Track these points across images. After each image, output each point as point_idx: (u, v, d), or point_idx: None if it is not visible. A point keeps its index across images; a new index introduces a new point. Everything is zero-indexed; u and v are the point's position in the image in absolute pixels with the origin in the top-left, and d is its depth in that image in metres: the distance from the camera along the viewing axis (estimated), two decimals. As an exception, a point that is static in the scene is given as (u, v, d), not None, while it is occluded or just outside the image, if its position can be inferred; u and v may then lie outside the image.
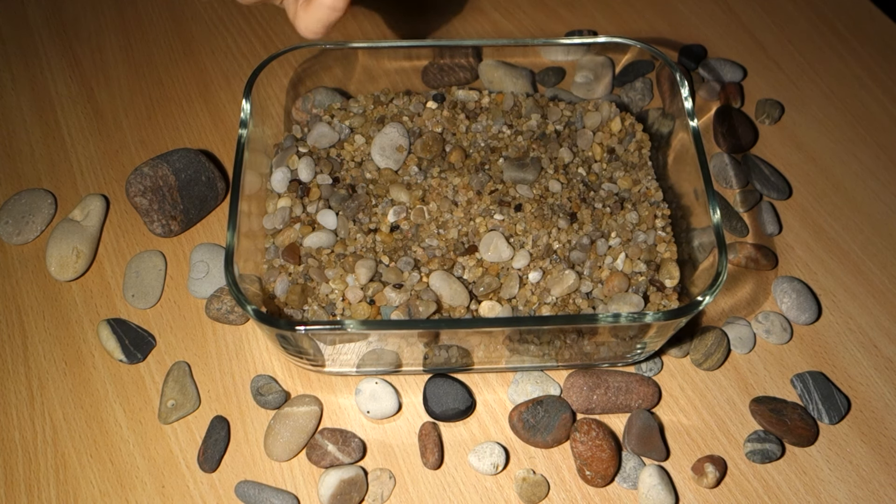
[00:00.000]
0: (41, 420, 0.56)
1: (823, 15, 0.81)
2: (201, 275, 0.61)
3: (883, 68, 0.77)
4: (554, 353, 0.55)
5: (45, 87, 0.74)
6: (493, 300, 0.54)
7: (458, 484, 0.54)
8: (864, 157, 0.71)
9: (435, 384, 0.56)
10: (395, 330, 0.50)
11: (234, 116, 0.72)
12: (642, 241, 0.56)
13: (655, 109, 0.65)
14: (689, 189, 0.57)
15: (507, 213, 0.56)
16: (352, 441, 0.54)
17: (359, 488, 0.53)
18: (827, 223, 0.67)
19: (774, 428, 0.55)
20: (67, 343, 0.60)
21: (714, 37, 0.79)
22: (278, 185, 0.59)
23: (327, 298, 0.54)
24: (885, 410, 0.58)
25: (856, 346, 0.60)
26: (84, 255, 0.62)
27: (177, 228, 0.64)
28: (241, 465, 0.54)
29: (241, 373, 0.58)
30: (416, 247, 0.56)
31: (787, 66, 0.77)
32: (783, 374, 0.59)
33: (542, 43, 0.64)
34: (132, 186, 0.62)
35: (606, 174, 0.61)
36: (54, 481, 0.54)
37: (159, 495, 0.53)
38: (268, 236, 0.58)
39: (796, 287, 0.61)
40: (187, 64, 0.76)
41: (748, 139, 0.70)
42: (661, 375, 0.58)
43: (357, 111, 0.63)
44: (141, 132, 0.71)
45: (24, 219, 0.64)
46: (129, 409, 0.57)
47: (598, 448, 0.52)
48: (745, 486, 0.54)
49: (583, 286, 0.54)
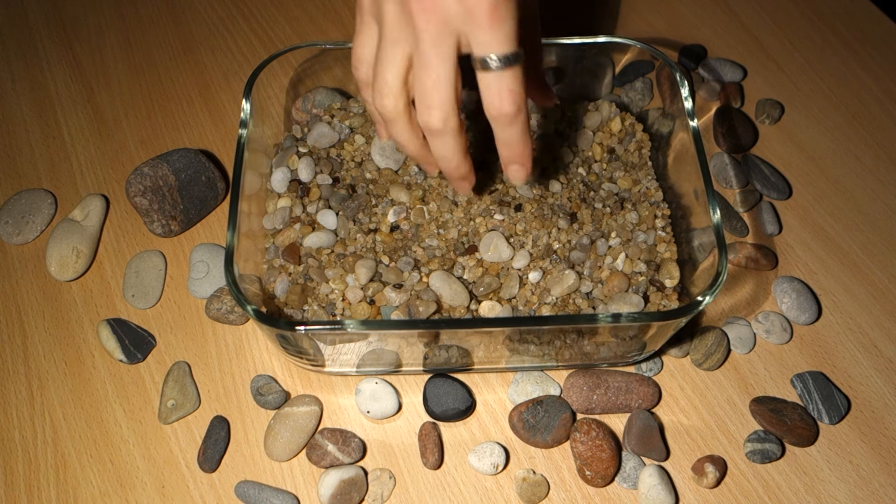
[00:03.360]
0: (41, 420, 0.56)
1: (823, 15, 0.81)
2: (201, 275, 0.61)
3: (883, 68, 0.77)
4: (554, 353, 0.55)
5: (45, 87, 0.74)
6: (493, 300, 0.54)
7: (458, 484, 0.54)
8: (864, 157, 0.71)
9: (435, 384, 0.56)
10: (395, 330, 0.50)
11: (234, 116, 0.72)
12: (642, 241, 0.56)
13: (655, 109, 0.65)
14: (689, 189, 0.57)
15: (507, 213, 0.56)
16: (352, 441, 0.54)
17: (359, 488, 0.53)
18: (827, 223, 0.67)
19: (774, 428, 0.55)
20: (67, 343, 0.60)
21: (714, 37, 0.79)
22: (278, 185, 0.59)
23: (327, 298, 0.54)
24: (885, 410, 0.58)
25: (856, 346, 0.60)
26: (84, 255, 0.62)
27: (177, 228, 0.64)
28: (241, 465, 0.54)
29: (241, 373, 0.58)
30: (416, 247, 0.56)
31: (787, 66, 0.77)
32: (783, 374, 0.59)
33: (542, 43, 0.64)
34: (132, 186, 0.62)
35: (606, 174, 0.61)
36: (54, 481, 0.54)
37: (159, 495, 0.53)
38: (268, 236, 0.58)
39: (796, 287, 0.61)
40: (187, 64, 0.76)
41: (748, 139, 0.70)
42: (661, 375, 0.58)
43: (357, 111, 0.63)
44: (141, 132, 0.71)
45: (24, 219, 0.64)
46: (129, 409, 0.57)
47: (598, 448, 0.52)
48: (745, 486, 0.54)
49: (583, 286, 0.54)
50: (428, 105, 0.44)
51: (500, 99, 0.44)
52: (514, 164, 0.48)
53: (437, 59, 0.44)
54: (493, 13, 0.42)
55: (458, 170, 0.49)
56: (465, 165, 0.49)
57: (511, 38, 0.44)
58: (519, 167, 0.49)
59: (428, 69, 0.44)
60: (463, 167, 0.49)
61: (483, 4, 0.42)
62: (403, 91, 0.46)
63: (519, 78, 0.44)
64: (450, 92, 0.44)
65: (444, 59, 0.44)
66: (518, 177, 0.49)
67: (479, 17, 0.42)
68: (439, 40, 0.43)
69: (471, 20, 0.43)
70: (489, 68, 0.43)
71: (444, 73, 0.44)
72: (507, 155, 0.48)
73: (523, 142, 0.47)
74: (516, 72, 0.44)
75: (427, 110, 0.45)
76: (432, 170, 0.53)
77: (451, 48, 0.44)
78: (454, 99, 0.45)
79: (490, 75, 0.44)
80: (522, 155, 0.48)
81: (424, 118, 0.45)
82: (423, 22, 0.43)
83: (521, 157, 0.48)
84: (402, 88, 0.46)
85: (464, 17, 0.43)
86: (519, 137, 0.47)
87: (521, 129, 0.46)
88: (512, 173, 0.49)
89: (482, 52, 0.43)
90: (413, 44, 0.44)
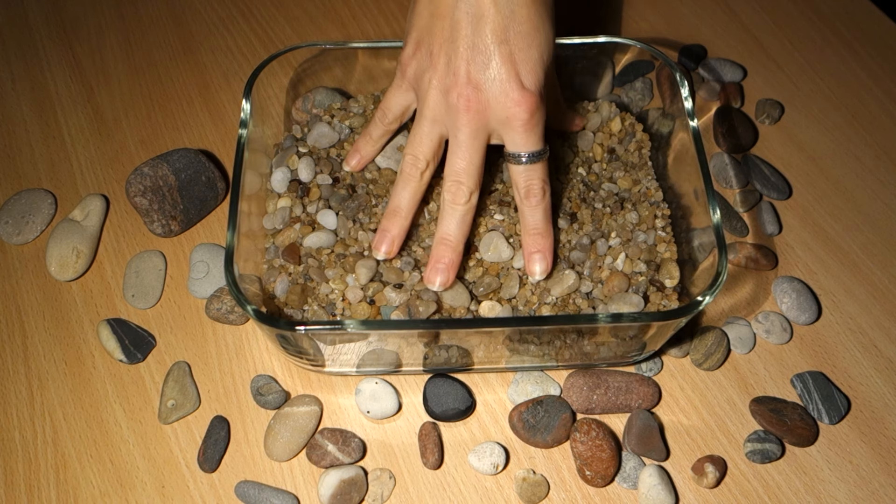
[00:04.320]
0: (41, 420, 0.56)
1: (823, 15, 0.81)
2: (201, 275, 0.61)
3: (883, 68, 0.77)
4: (554, 353, 0.55)
5: (45, 87, 0.74)
6: (493, 300, 0.54)
7: (458, 484, 0.54)
8: (864, 157, 0.71)
9: (435, 384, 0.56)
10: (395, 330, 0.50)
11: (234, 116, 0.72)
12: (642, 241, 0.56)
13: (655, 109, 0.65)
14: (689, 189, 0.57)
15: (507, 213, 0.56)
16: (352, 441, 0.54)
17: (359, 488, 0.53)
18: (827, 223, 0.67)
19: (774, 428, 0.55)
20: (67, 343, 0.60)
21: (714, 37, 0.79)
22: (278, 185, 0.59)
23: (327, 298, 0.54)
24: (885, 410, 0.58)
25: (856, 346, 0.60)
26: (84, 255, 0.62)
27: (177, 228, 0.64)
28: (241, 465, 0.54)
29: (241, 373, 0.58)
30: (416, 247, 0.56)
31: (787, 66, 0.77)
32: (783, 374, 0.59)
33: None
34: (132, 186, 0.62)
35: (606, 174, 0.61)
36: (54, 481, 0.54)
37: (159, 495, 0.53)
38: (268, 236, 0.58)
39: (796, 287, 0.61)
40: (187, 64, 0.76)
41: (748, 139, 0.70)
42: (661, 375, 0.58)
43: (357, 111, 0.63)
44: (141, 132, 0.71)
45: (24, 219, 0.64)
46: (129, 409, 0.57)
47: (598, 448, 0.52)
48: (745, 486, 0.54)
49: (583, 286, 0.54)
50: (458, 181, 0.51)
51: (529, 186, 0.52)
52: (536, 254, 0.53)
53: (472, 150, 0.51)
54: (528, 123, 0.50)
55: (454, 251, 0.52)
56: (459, 250, 0.53)
57: (540, 138, 0.51)
58: (540, 257, 0.53)
59: (463, 156, 0.51)
60: (460, 249, 0.53)
61: (521, 117, 0.49)
62: (432, 164, 0.53)
63: (545, 167, 0.52)
64: (478, 176, 0.52)
65: (477, 150, 0.51)
66: (538, 269, 0.53)
67: (516, 125, 0.50)
68: (476, 135, 0.50)
69: (508, 126, 0.50)
70: (521, 162, 0.51)
71: (476, 160, 0.51)
72: (530, 243, 0.53)
73: (546, 228, 0.53)
74: (543, 163, 0.52)
75: (457, 185, 0.51)
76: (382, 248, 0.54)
77: (484, 141, 0.51)
78: (479, 181, 0.52)
79: (520, 167, 0.52)
80: (544, 245, 0.53)
81: (453, 191, 0.51)
82: (466, 119, 0.50)
83: (544, 246, 0.53)
84: (431, 161, 0.53)
85: (502, 122, 0.50)
86: (542, 222, 0.53)
87: (545, 214, 0.53)
88: (533, 263, 0.53)
89: (515, 150, 0.51)
90: (451, 130, 0.51)
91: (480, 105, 0.49)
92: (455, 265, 0.52)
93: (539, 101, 0.50)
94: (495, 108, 0.49)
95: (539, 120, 0.50)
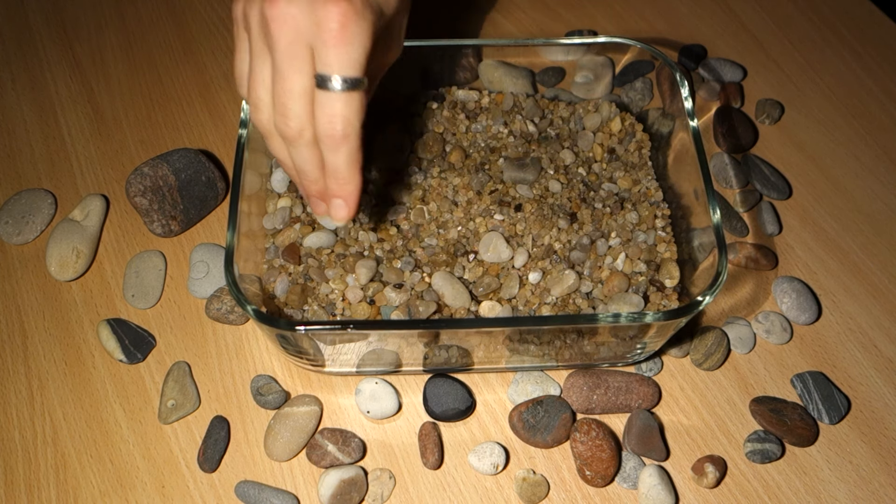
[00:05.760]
0: (41, 420, 0.56)
1: (823, 15, 0.81)
2: (201, 275, 0.61)
3: (883, 68, 0.77)
4: (554, 353, 0.55)
5: (45, 87, 0.74)
6: (493, 300, 0.54)
7: (458, 484, 0.54)
8: (864, 157, 0.71)
9: (435, 384, 0.56)
10: (395, 330, 0.50)
11: (234, 116, 0.72)
12: (642, 241, 0.56)
13: (655, 109, 0.65)
14: (689, 189, 0.57)
15: (507, 213, 0.56)
16: (352, 441, 0.54)
17: (359, 488, 0.53)
18: (827, 223, 0.67)
19: (774, 428, 0.55)
20: (67, 343, 0.60)
21: (714, 37, 0.79)
22: (278, 185, 0.59)
23: (327, 298, 0.54)
24: (885, 410, 0.58)
25: (856, 346, 0.60)
26: (84, 255, 0.62)
27: (177, 228, 0.64)
28: (241, 465, 0.54)
29: (241, 373, 0.58)
30: (416, 247, 0.56)
31: (787, 66, 0.77)
32: (783, 374, 0.59)
33: (542, 43, 0.64)
34: (132, 186, 0.62)
35: (606, 174, 0.61)
36: (54, 481, 0.54)
37: (159, 495, 0.53)
38: (268, 236, 0.58)
39: (796, 287, 0.61)
40: (187, 64, 0.76)
41: (748, 139, 0.70)
42: (661, 375, 0.58)
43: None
44: (141, 132, 0.71)
45: (24, 219, 0.64)
46: (129, 409, 0.57)
47: (598, 448, 0.52)
48: (745, 486, 0.54)
49: (583, 286, 0.54)
50: (282, 114, 0.44)
51: (331, 121, 0.43)
52: (336, 199, 0.47)
53: (291, 70, 0.43)
54: (341, 32, 0.41)
55: (316, 184, 0.47)
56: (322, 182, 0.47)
57: (356, 62, 0.43)
58: (341, 203, 0.47)
59: (282, 79, 0.43)
60: (320, 182, 0.47)
61: (332, 20, 0.41)
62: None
63: (355, 105, 0.43)
64: (305, 103, 0.43)
65: (297, 70, 0.43)
66: (339, 215, 0.47)
67: (327, 34, 0.42)
68: (292, 51, 0.42)
69: (319, 35, 0.42)
70: (327, 88, 0.43)
71: (297, 83, 0.43)
72: (331, 187, 0.46)
73: (349, 174, 0.46)
74: (353, 98, 0.43)
75: (282, 119, 0.44)
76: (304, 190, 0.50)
77: (305, 61, 0.43)
78: (310, 111, 0.44)
79: (326, 95, 0.43)
80: (345, 190, 0.46)
81: (281, 128, 0.44)
82: (277, 32, 0.42)
83: (345, 192, 0.46)
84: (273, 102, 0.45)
85: (314, 31, 0.42)
86: (344, 167, 0.45)
87: (348, 159, 0.45)
88: (333, 209, 0.47)
89: (323, 70, 0.42)
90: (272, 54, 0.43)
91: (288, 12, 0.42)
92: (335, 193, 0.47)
93: (358, 12, 0.42)
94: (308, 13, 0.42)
95: (357, 35, 0.42)
